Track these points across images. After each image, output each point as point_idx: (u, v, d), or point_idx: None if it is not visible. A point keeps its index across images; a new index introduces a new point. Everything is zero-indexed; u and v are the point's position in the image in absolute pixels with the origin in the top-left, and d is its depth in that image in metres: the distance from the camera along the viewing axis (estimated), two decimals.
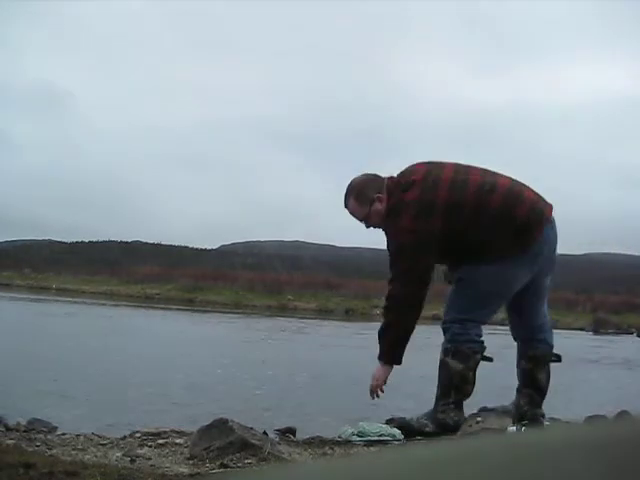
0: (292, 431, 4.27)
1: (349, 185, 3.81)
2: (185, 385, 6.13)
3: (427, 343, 6.55)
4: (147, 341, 10.68)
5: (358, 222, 3.82)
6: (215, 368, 7.40)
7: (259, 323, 17.35)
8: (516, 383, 4.01)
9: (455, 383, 3.75)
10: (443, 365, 3.79)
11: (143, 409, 4.96)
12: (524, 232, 3.63)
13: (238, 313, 21.68)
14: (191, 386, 6.09)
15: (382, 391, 3.85)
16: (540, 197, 3.75)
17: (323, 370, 7.92)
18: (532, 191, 3.75)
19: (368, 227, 3.80)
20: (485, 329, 3.96)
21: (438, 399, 3.80)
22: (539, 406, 3.87)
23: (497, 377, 4.30)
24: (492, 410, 3.88)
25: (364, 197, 3.74)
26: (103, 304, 22.48)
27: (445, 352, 3.80)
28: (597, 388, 7.43)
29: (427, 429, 3.75)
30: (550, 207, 3.75)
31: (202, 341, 11.68)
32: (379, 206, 3.71)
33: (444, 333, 3.87)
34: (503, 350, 4.52)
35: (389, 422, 4.23)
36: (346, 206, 3.80)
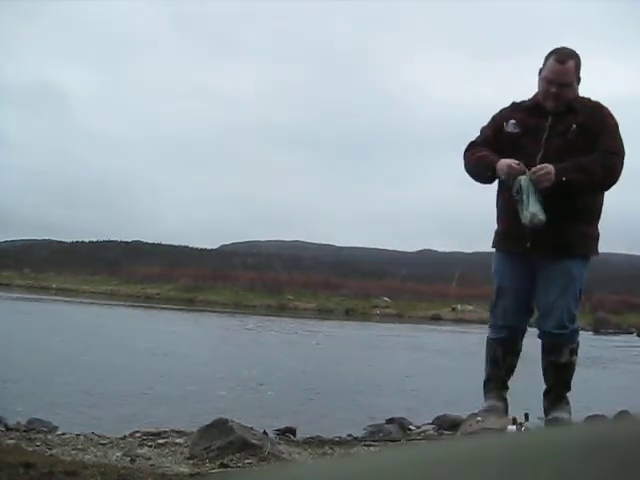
0: (292, 431, 4.27)
1: (571, 50, 3.72)
2: (163, 385, 6.12)
3: (415, 344, 6.56)
4: (131, 341, 10.64)
5: (551, 82, 3.61)
6: (194, 367, 7.38)
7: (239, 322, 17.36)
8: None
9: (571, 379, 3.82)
10: (570, 364, 3.76)
11: (137, 409, 4.96)
12: None
13: (233, 313, 21.67)
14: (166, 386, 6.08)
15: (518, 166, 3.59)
16: None
17: (295, 369, 7.93)
18: None
19: (554, 93, 3.62)
20: (463, 328, 3.95)
21: (565, 392, 3.79)
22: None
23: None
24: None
25: (579, 70, 3.71)
26: (96, 304, 22.47)
27: (571, 352, 3.74)
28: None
29: None
30: None
31: (182, 340, 11.70)
32: (577, 88, 3.72)
33: (564, 336, 3.71)
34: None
35: (389, 423, 4.22)
36: (563, 62, 3.63)
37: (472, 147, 3.80)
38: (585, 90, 3.79)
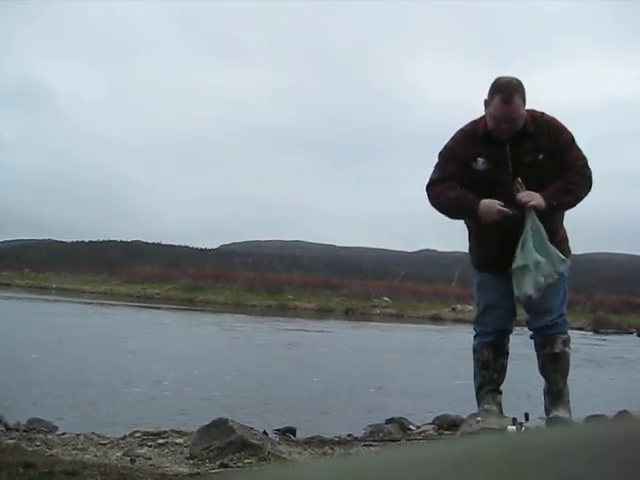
0: (292, 431, 4.27)
1: (514, 82, 3.71)
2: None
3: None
4: (123, 341, 10.63)
5: (504, 118, 3.64)
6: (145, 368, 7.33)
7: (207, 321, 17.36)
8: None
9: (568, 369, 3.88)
10: (564, 355, 3.83)
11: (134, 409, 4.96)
12: None
13: (232, 313, 21.68)
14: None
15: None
16: None
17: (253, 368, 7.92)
18: None
19: (507, 127, 3.66)
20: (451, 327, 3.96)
21: (564, 389, 3.82)
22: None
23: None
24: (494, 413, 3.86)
25: (525, 98, 3.73)
26: (95, 303, 22.48)
27: (564, 343, 3.85)
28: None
29: None
30: None
31: (182, 340, 11.70)
32: (524, 111, 3.74)
33: (558, 326, 3.84)
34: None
35: (389, 423, 4.22)
36: (510, 101, 3.64)
37: (439, 183, 3.77)
38: (585, 90, 3.88)
